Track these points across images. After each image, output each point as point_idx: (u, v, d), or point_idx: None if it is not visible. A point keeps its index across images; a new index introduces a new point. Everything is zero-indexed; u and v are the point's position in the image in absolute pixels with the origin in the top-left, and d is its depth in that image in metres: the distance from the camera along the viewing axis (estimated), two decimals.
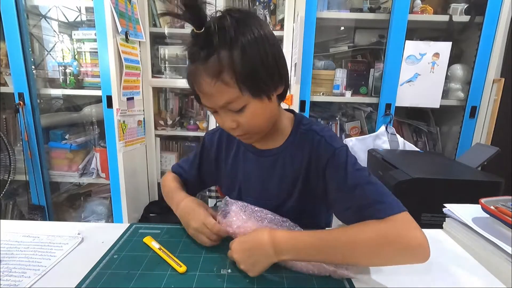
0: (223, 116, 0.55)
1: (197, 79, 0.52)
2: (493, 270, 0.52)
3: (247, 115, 0.54)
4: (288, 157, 0.63)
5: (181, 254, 0.55)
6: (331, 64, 1.70)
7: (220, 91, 0.50)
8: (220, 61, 0.48)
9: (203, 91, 0.52)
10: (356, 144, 1.45)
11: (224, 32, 0.48)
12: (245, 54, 0.49)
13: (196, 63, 0.51)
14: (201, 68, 0.50)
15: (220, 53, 0.48)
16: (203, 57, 0.50)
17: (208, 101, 0.54)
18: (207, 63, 0.49)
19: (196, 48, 0.51)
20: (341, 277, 0.49)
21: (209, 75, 0.50)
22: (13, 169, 1.59)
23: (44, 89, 1.64)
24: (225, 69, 0.49)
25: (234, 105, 0.52)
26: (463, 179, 0.85)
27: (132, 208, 1.63)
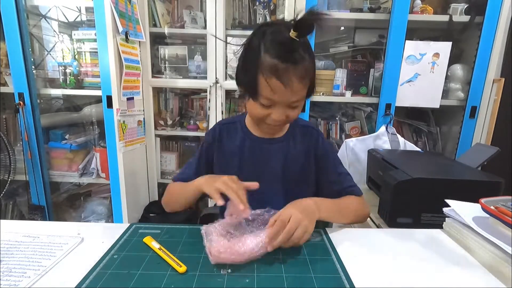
0: (279, 109, 0.65)
1: (282, 76, 0.60)
2: (493, 270, 0.52)
3: (297, 111, 0.67)
4: (290, 144, 0.77)
5: (181, 254, 0.55)
6: (331, 64, 1.70)
7: (299, 90, 0.63)
8: (306, 68, 0.62)
9: (283, 86, 0.61)
10: (356, 144, 1.45)
11: (307, 47, 0.62)
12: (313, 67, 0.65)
13: (285, 63, 0.60)
14: (290, 68, 0.60)
15: (305, 62, 0.61)
16: (294, 60, 0.60)
17: (280, 95, 0.62)
18: (297, 67, 0.60)
19: (289, 51, 0.60)
20: None
21: (297, 77, 0.61)
22: (13, 169, 1.59)
23: (44, 89, 1.64)
24: (307, 76, 0.63)
25: (297, 102, 0.65)
26: (463, 179, 0.85)
27: (132, 208, 1.63)
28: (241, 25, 1.72)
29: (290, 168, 0.77)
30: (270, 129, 0.72)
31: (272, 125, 0.69)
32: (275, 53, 0.60)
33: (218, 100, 1.69)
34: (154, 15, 1.68)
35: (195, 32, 1.73)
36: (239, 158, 0.77)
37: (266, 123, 0.69)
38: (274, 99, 0.63)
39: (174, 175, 0.83)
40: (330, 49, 1.76)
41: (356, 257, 0.56)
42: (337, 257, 0.55)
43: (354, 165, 1.45)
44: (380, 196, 0.97)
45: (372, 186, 1.17)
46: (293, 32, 0.58)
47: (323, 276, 0.50)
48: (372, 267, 0.53)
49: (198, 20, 1.74)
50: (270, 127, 0.70)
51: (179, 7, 1.80)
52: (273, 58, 0.60)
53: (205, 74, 1.70)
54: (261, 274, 0.50)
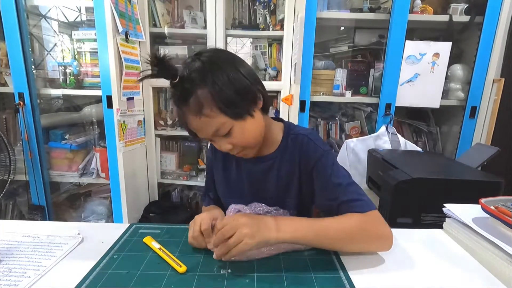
0: (218, 141, 0.63)
1: (185, 119, 0.61)
2: (493, 270, 0.52)
3: (237, 136, 0.61)
4: (282, 161, 0.70)
5: (181, 254, 0.55)
6: (331, 64, 1.70)
7: (206, 123, 0.59)
8: (198, 99, 0.56)
9: (193, 127, 0.61)
10: (357, 144, 1.45)
11: (196, 74, 0.57)
12: (216, 88, 0.56)
13: (180, 107, 0.60)
14: (185, 110, 0.59)
15: (196, 93, 0.57)
16: (184, 100, 0.58)
17: (201, 134, 0.62)
18: (189, 104, 0.57)
19: (177, 95, 0.59)
20: None
21: (193, 114, 0.58)
22: (13, 169, 1.59)
23: (44, 89, 1.64)
24: (204, 105, 0.56)
25: (222, 131, 0.60)
26: (463, 179, 0.85)
27: (132, 208, 1.63)
28: (241, 25, 1.72)
29: (287, 182, 0.70)
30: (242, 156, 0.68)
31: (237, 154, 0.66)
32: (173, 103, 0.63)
33: None
34: (154, 15, 1.68)
35: (195, 32, 1.73)
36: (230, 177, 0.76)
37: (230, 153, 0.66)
38: (202, 137, 0.63)
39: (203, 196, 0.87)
40: (330, 49, 1.76)
41: (356, 257, 0.56)
42: (337, 257, 0.55)
43: (355, 165, 1.45)
44: (380, 196, 0.97)
45: (372, 186, 1.17)
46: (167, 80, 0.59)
47: (323, 276, 0.50)
48: (372, 267, 0.53)
49: (198, 20, 1.74)
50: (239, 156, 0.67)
51: (179, 7, 1.80)
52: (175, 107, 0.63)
53: None
54: (261, 274, 0.50)
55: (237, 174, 0.75)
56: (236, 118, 0.59)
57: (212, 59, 0.59)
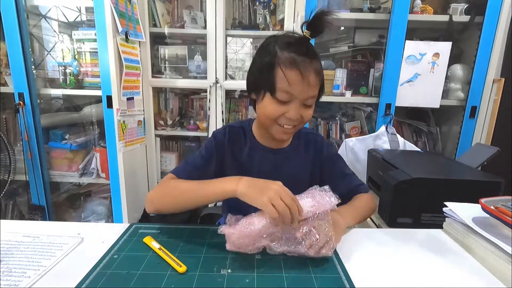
0: (295, 106, 0.65)
1: (302, 66, 0.62)
2: (493, 270, 0.52)
3: (309, 112, 0.68)
4: (297, 154, 0.78)
5: (181, 254, 0.55)
6: (331, 64, 1.70)
7: (315, 84, 0.65)
8: (319, 66, 0.66)
9: (302, 78, 0.62)
10: (356, 144, 1.45)
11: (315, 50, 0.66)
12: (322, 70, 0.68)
13: (303, 56, 0.63)
14: (309, 63, 0.63)
15: (318, 61, 0.66)
16: (311, 54, 0.64)
17: (298, 87, 0.63)
18: (312, 61, 0.64)
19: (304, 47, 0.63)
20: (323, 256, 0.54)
21: (313, 70, 0.63)
22: (13, 169, 1.59)
23: (44, 89, 1.64)
24: (320, 73, 0.66)
25: (311, 100, 0.67)
26: (463, 179, 0.85)
27: (132, 208, 1.63)
28: (241, 25, 1.72)
29: (299, 177, 0.77)
30: (281, 133, 0.69)
31: (285, 128, 0.68)
32: (292, 48, 0.63)
33: (218, 100, 1.69)
34: (154, 15, 1.68)
35: (195, 32, 1.73)
36: (247, 167, 0.75)
37: (280, 124, 0.67)
38: (291, 91, 0.63)
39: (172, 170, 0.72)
40: (330, 49, 1.76)
41: (356, 257, 0.56)
42: (337, 257, 0.55)
43: (354, 165, 1.45)
44: (380, 196, 0.97)
45: (372, 186, 1.16)
46: (307, 31, 0.63)
47: (323, 276, 0.50)
48: (372, 267, 0.53)
49: (198, 20, 1.74)
50: (282, 130, 0.68)
51: (179, 7, 1.80)
52: (290, 52, 0.63)
53: (205, 74, 1.70)
54: (261, 274, 0.50)
55: (247, 163, 0.76)
56: (318, 98, 0.70)
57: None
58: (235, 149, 0.76)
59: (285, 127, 0.68)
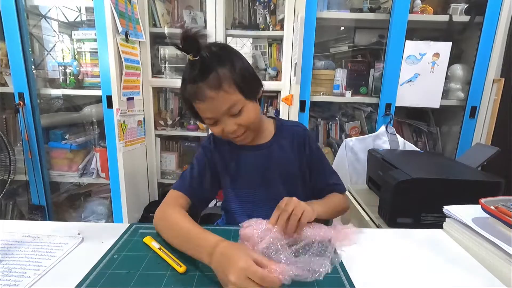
0: (225, 122, 0.66)
1: (199, 95, 0.63)
2: (493, 270, 0.52)
3: (245, 116, 0.66)
4: (280, 146, 0.77)
5: (181, 254, 0.55)
6: (331, 64, 1.70)
7: (223, 98, 0.63)
8: (219, 75, 0.62)
9: (207, 103, 0.63)
10: (356, 144, 1.45)
11: (215, 55, 0.63)
12: (235, 68, 0.64)
13: (197, 82, 0.62)
14: (203, 85, 0.62)
15: (217, 70, 0.62)
16: (203, 75, 0.62)
17: (211, 111, 0.64)
18: (208, 80, 0.62)
19: (196, 71, 0.62)
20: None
21: (212, 88, 0.62)
22: (13, 169, 1.59)
23: (44, 89, 1.64)
24: (224, 81, 0.62)
25: (235, 109, 0.64)
26: (463, 179, 0.85)
27: (132, 208, 1.63)
28: (241, 25, 1.72)
29: (286, 170, 0.77)
30: (240, 141, 0.71)
31: (236, 138, 0.69)
32: (189, 79, 0.64)
33: None
34: (154, 15, 1.68)
35: None
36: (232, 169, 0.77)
37: (230, 137, 0.69)
38: (210, 116, 0.66)
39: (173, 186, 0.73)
40: (330, 49, 1.76)
41: (356, 257, 0.56)
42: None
43: (353, 164, 1.45)
44: (380, 196, 0.97)
45: (372, 186, 1.16)
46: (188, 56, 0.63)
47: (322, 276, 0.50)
48: (372, 267, 0.53)
49: (198, 20, 1.74)
50: (237, 140, 0.70)
51: (179, 7, 1.80)
52: (190, 84, 0.64)
53: None
54: None
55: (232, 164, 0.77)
56: (248, 98, 0.66)
57: (227, 48, 0.68)
58: (222, 153, 0.78)
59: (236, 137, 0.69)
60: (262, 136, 0.77)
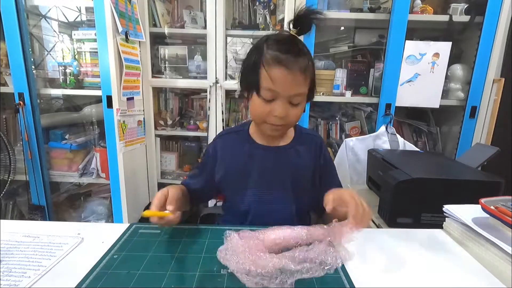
0: (280, 104, 0.65)
1: (286, 63, 0.62)
2: (493, 270, 0.52)
3: (297, 110, 0.68)
4: (298, 151, 0.78)
5: (181, 254, 0.55)
6: (331, 64, 1.70)
7: (300, 82, 0.64)
8: (307, 62, 0.65)
9: (286, 74, 0.62)
10: (356, 144, 1.45)
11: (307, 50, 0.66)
12: (313, 68, 0.68)
13: (289, 54, 0.62)
14: (293, 60, 0.62)
15: (305, 58, 0.64)
16: (299, 54, 0.63)
17: (282, 85, 0.63)
18: (297, 59, 0.63)
19: (293, 45, 0.64)
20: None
21: (298, 67, 0.63)
22: (13, 169, 1.59)
23: (44, 89, 1.64)
24: (308, 70, 0.65)
25: (298, 98, 0.66)
26: (463, 179, 0.85)
27: (132, 208, 1.63)
28: (241, 25, 1.72)
29: (300, 175, 0.77)
30: (272, 131, 0.71)
31: (274, 125, 0.68)
32: (277, 47, 0.64)
33: (218, 100, 1.69)
34: (154, 15, 1.68)
35: (195, 32, 1.73)
36: (246, 167, 0.76)
37: (268, 123, 0.68)
38: (275, 89, 0.64)
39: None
40: (330, 49, 1.76)
41: (356, 257, 0.56)
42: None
43: (354, 165, 1.45)
44: (380, 196, 0.97)
45: (372, 186, 1.16)
46: (293, 30, 0.65)
47: (323, 276, 0.50)
48: (372, 267, 0.53)
49: (198, 20, 1.74)
50: (272, 128, 0.69)
51: (179, 7, 1.80)
52: (275, 51, 0.64)
53: (205, 74, 1.70)
54: None
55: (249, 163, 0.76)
56: (308, 97, 0.69)
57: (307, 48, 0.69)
58: (231, 155, 0.78)
59: (274, 125, 0.68)
60: (283, 139, 0.79)
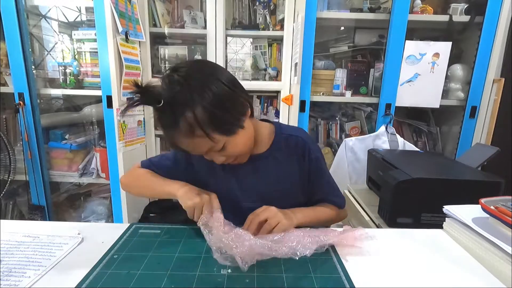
0: (212, 156, 0.64)
1: (176, 141, 0.60)
2: (493, 270, 0.52)
3: (231, 149, 0.62)
4: (277, 158, 0.72)
5: (181, 254, 0.55)
6: (331, 64, 1.70)
7: (198, 144, 0.59)
8: (188, 122, 0.55)
9: (185, 147, 0.61)
10: (356, 144, 1.45)
11: (180, 96, 0.55)
12: (205, 109, 0.55)
13: (169, 130, 0.59)
14: (175, 133, 0.58)
15: (185, 116, 0.55)
16: (173, 123, 0.56)
17: (194, 152, 0.63)
18: (179, 127, 0.56)
19: (164, 119, 0.58)
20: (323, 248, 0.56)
21: (185, 136, 0.57)
22: (13, 169, 1.59)
23: (44, 89, 1.64)
24: (195, 127, 0.55)
25: (216, 148, 0.60)
26: (463, 179, 0.85)
27: (132, 208, 1.62)
28: (241, 25, 1.72)
29: (282, 185, 0.72)
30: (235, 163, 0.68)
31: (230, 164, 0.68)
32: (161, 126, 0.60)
33: None
34: (154, 15, 1.68)
35: (195, 32, 1.73)
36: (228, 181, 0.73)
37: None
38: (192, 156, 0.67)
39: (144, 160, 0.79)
40: (330, 49, 1.76)
41: (356, 257, 0.56)
42: (337, 257, 0.55)
43: (353, 164, 1.45)
44: (380, 196, 0.97)
45: (372, 186, 1.16)
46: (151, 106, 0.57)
47: (323, 276, 0.50)
48: (372, 267, 0.53)
49: (198, 20, 1.74)
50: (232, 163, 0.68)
51: (179, 7, 1.80)
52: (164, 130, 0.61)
53: None
54: (261, 274, 0.50)
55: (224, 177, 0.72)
56: (229, 135, 0.60)
57: (192, 76, 0.57)
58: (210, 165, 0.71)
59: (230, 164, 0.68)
60: (258, 146, 0.71)
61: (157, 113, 0.58)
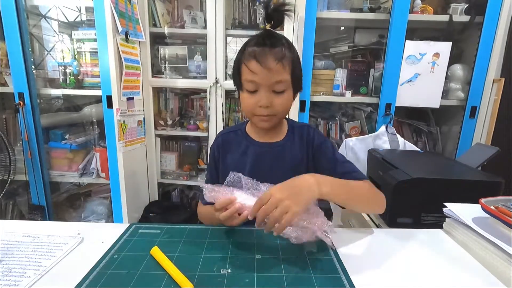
0: (263, 94, 0.69)
1: (260, 56, 0.67)
2: (493, 270, 0.52)
3: (282, 99, 0.70)
4: (292, 146, 0.79)
5: (181, 254, 0.55)
6: (331, 64, 1.70)
7: (278, 70, 0.67)
8: (284, 51, 0.69)
9: (263, 67, 0.66)
10: (356, 144, 1.45)
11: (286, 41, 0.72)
12: (294, 55, 0.72)
13: (263, 46, 0.68)
14: (267, 50, 0.67)
15: (282, 47, 0.69)
16: (273, 44, 0.68)
17: (261, 76, 0.67)
18: (274, 49, 0.68)
19: (267, 38, 0.69)
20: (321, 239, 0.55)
21: (275, 57, 0.67)
22: (13, 169, 1.59)
23: (44, 89, 1.64)
24: (285, 58, 0.68)
25: (280, 86, 0.69)
26: (463, 179, 0.85)
27: (132, 208, 1.63)
28: (241, 25, 1.72)
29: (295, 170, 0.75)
30: (262, 122, 0.73)
31: (262, 116, 0.71)
32: (253, 42, 0.70)
33: (218, 100, 1.69)
34: (154, 15, 1.68)
35: (195, 32, 1.73)
36: (240, 163, 0.79)
37: (257, 114, 0.72)
38: (254, 79, 0.68)
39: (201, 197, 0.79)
40: (330, 49, 1.76)
41: (356, 257, 0.56)
42: (337, 257, 0.55)
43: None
44: None
45: None
46: (267, 24, 0.72)
47: (323, 276, 0.50)
48: (372, 267, 0.53)
49: (198, 20, 1.74)
50: (261, 119, 0.72)
51: (179, 7, 1.80)
52: (252, 46, 0.69)
53: (205, 74, 1.70)
54: (261, 274, 0.50)
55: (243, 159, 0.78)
56: (293, 85, 0.71)
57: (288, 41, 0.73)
58: (229, 152, 0.81)
59: (262, 116, 0.72)
60: (276, 134, 0.80)
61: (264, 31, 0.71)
